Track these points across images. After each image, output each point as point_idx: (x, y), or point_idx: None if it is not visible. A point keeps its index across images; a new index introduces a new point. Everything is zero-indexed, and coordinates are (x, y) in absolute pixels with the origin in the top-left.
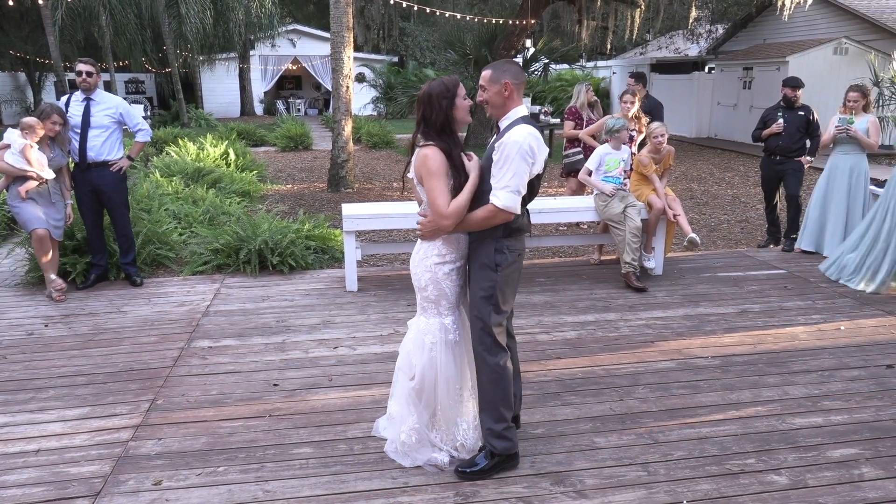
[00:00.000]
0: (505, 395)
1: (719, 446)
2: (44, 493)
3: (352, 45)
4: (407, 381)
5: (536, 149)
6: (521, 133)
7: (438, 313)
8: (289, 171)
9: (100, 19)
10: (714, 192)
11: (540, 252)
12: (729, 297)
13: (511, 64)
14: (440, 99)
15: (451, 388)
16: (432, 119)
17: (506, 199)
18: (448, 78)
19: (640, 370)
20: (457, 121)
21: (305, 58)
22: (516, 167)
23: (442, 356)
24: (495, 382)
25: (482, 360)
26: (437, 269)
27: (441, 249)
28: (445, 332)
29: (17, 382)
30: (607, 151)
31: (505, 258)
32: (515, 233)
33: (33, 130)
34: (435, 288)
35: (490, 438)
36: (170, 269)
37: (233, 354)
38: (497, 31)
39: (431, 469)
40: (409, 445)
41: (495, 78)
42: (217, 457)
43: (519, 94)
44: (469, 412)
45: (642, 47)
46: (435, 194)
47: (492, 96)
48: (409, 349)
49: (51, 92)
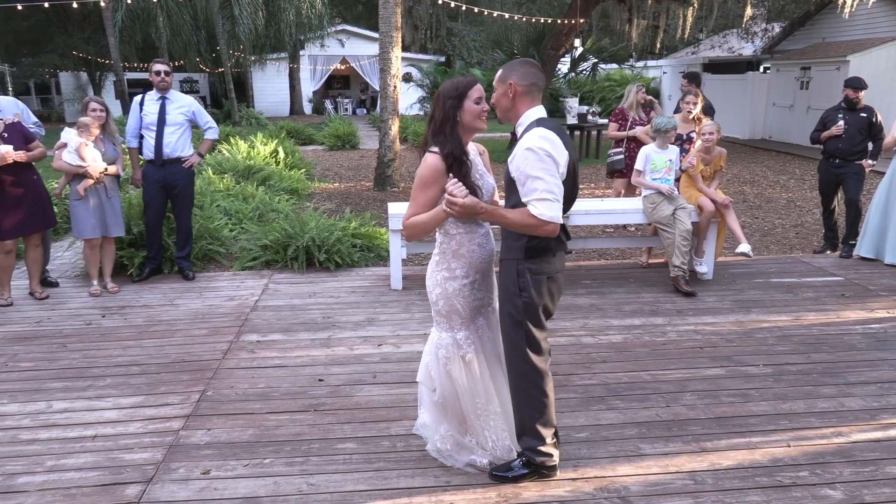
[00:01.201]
0: (543, 417)
1: (770, 458)
2: (99, 478)
3: (400, 44)
4: (430, 394)
5: (551, 149)
6: (530, 139)
7: (450, 328)
8: (336, 169)
9: (157, 20)
10: (768, 195)
11: (586, 254)
12: (782, 304)
13: (524, 64)
14: (446, 98)
15: (474, 402)
16: (435, 117)
17: (542, 209)
18: (463, 78)
19: (688, 377)
20: (462, 125)
21: (353, 58)
22: (538, 174)
23: (456, 371)
24: (533, 407)
25: (518, 385)
26: (447, 285)
27: (451, 264)
28: (458, 348)
29: (76, 370)
30: (654, 150)
31: (526, 282)
32: (540, 253)
33: (88, 129)
34: (446, 303)
35: (528, 452)
36: (220, 265)
37: (280, 349)
38: (545, 31)
39: (472, 469)
40: (447, 451)
41: (502, 77)
42: (264, 449)
43: (529, 95)
44: (498, 426)
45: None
46: (411, 199)
47: (497, 98)
48: (426, 361)
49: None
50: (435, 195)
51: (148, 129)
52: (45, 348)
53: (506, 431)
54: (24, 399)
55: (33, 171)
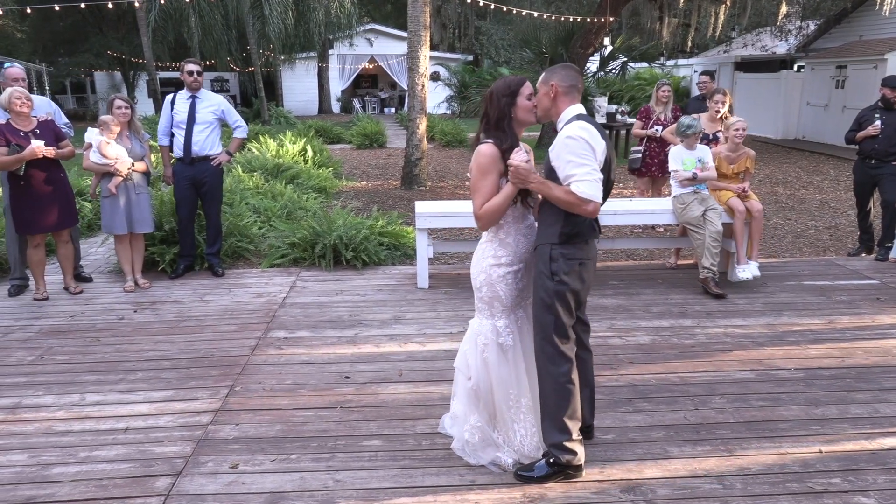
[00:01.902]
0: (569, 407)
1: (801, 463)
2: (131, 470)
3: (428, 44)
4: (465, 381)
5: (589, 138)
6: (570, 129)
7: (491, 315)
8: (363, 168)
9: (189, 20)
10: (801, 196)
11: (613, 254)
12: (815, 307)
13: (564, 68)
14: (500, 96)
15: (506, 392)
16: (490, 115)
17: (584, 187)
18: (514, 77)
19: (717, 379)
20: (516, 120)
21: (382, 57)
22: (577, 157)
23: (493, 359)
24: (558, 393)
25: (544, 369)
26: (492, 271)
27: (497, 251)
28: (497, 335)
29: (108, 364)
30: (683, 150)
31: (560, 266)
32: (573, 239)
33: (108, 127)
34: (489, 290)
35: (553, 448)
36: (249, 262)
37: (307, 346)
38: (574, 29)
39: (495, 469)
40: (473, 444)
41: (545, 79)
42: (290, 444)
43: (569, 96)
44: (527, 420)
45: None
46: (475, 191)
47: (540, 97)
48: (465, 349)
49: (143, 90)
50: (495, 181)
51: (178, 128)
52: (79, 342)
53: (535, 427)
54: (58, 391)
55: (61, 169)
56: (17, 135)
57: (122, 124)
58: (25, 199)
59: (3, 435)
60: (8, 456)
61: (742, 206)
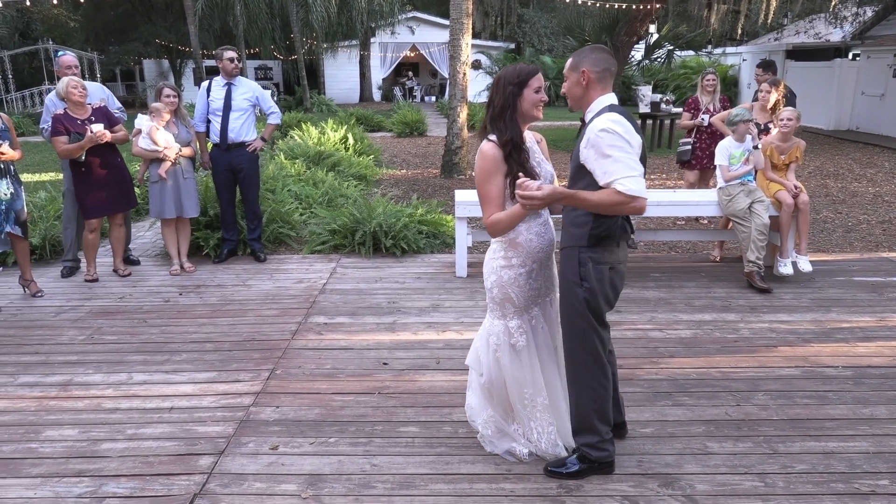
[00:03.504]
0: (601, 408)
1: (847, 463)
2: (175, 448)
3: (470, 31)
4: (478, 377)
5: (623, 132)
6: (602, 121)
7: (503, 315)
8: (403, 156)
9: (235, 9)
10: (853, 189)
11: (655, 247)
12: (865, 304)
13: (595, 50)
14: (507, 84)
15: (521, 391)
16: (495, 103)
17: (630, 184)
18: (527, 65)
19: (761, 375)
20: (521, 112)
21: (423, 45)
22: (616, 153)
23: (505, 358)
24: (592, 398)
25: (579, 374)
26: (503, 273)
27: (507, 252)
28: (509, 336)
29: (155, 345)
30: (731, 143)
31: (588, 271)
32: (603, 241)
33: (160, 114)
34: (500, 291)
35: (584, 447)
36: (290, 248)
37: (346, 332)
38: (619, 17)
39: (511, 459)
40: (489, 436)
41: (574, 65)
42: (329, 428)
43: (602, 82)
44: (544, 419)
45: (777, 32)
46: (481, 198)
47: (570, 86)
48: (477, 345)
49: (189, 77)
50: (501, 183)
51: (214, 115)
52: (127, 323)
53: (553, 426)
54: (107, 370)
55: (118, 153)
56: (75, 123)
57: (170, 111)
58: (88, 185)
59: (55, 410)
60: (60, 431)
61: (790, 200)
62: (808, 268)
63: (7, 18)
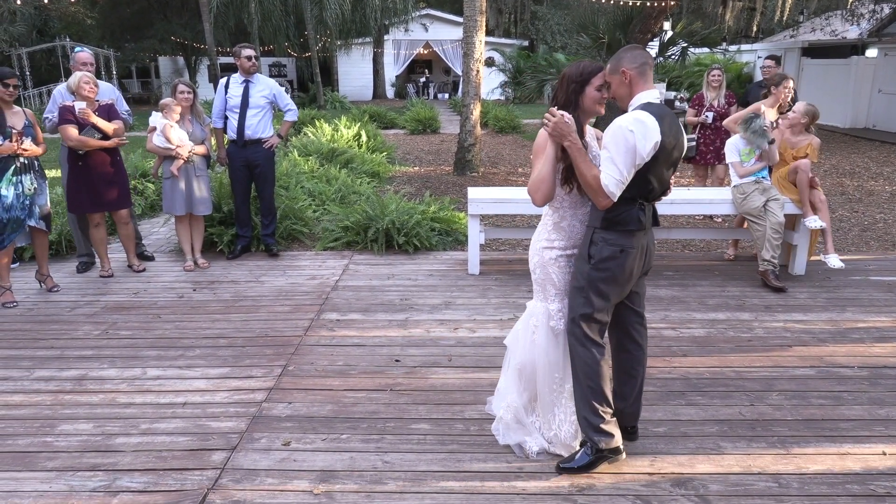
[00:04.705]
0: (595, 389)
1: (863, 464)
2: (188, 443)
3: (484, 29)
4: (512, 358)
5: (637, 132)
6: (625, 118)
7: (545, 298)
8: (416, 153)
9: (249, 6)
10: (869, 188)
11: (669, 245)
12: (882, 304)
13: (629, 49)
14: (570, 81)
15: (551, 375)
16: (559, 99)
17: (607, 180)
18: (591, 64)
19: (775, 375)
20: (582, 109)
21: (437, 42)
22: (614, 151)
23: (542, 340)
24: (586, 374)
25: (572, 349)
26: (544, 254)
27: (550, 234)
28: (548, 318)
29: (168, 340)
30: (739, 142)
31: (599, 251)
32: (615, 226)
33: (170, 109)
34: (542, 272)
35: (588, 430)
36: (303, 244)
37: (358, 328)
38: (633, 14)
39: (519, 453)
40: (505, 422)
41: (613, 68)
42: (341, 424)
43: (643, 77)
44: (568, 407)
45: (793, 29)
46: (533, 168)
47: (616, 89)
48: (518, 328)
49: (204, 74)
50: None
51: (232, 112)
52: (142, 318)
53: (575, 416)
54: (122, 365)
55: (117, 151)
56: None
57: (185, 108)
58: (81, 180)
59: (70, 405)
60: (75, 425)
61: (806, 163)
62: (838, 264)
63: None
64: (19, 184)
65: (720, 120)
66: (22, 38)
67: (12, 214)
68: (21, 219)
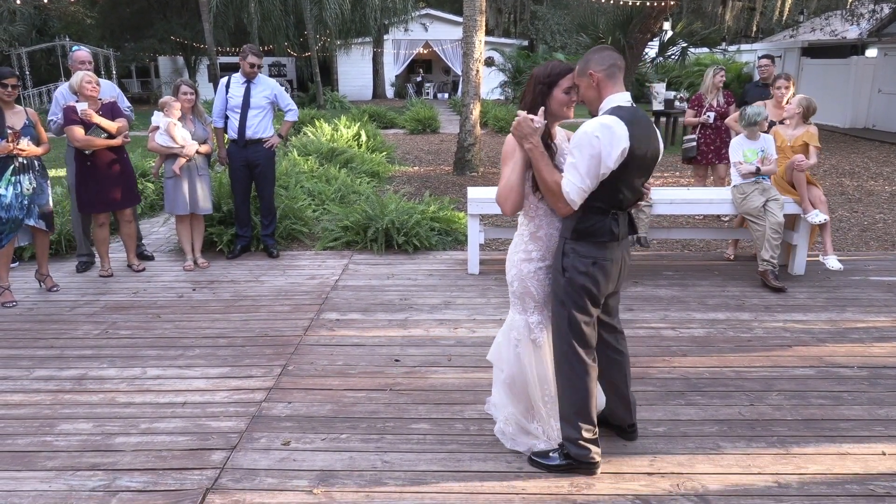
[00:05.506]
0: (582, 405)
1: (863, 464)
2: (188, 442)
3: (483, 29)
4: (499, 373)
5: (604, 139)
6: (592, 123)
7: (524, 310)
8: (416, 153)
9: (249, 6)
10: (869, 188)
11: (668, 245)
12: (881, 304)
13: (597, 51)
14: (538, 82)
15: (542, 389)
16: (526, 100)
17: (565, 186)
18: (559, 64)
19: (775, 375)
20: (550, 111)
21: (436, 42)
22: (578, 157)
23: (525, 354)
24: (572, 390)
25: (558, 363)
26: (522, 266)
27: (528, 246)
28: (529, 331)
29: (168, 340)
30: (744, 141)
31: (571, 262)
32: (586, 237)
33: (171, 107)
34: (520, 285)
35: (566, 440)
36: (303, 244)
37: (358, 328)
38: (633, 13)
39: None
40: (510, 433)
41: (581, 71)
42: (341, 424)
43: (612, 79)
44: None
45: (793, 29)
46: (502, 175)
47: (584, 92)
48: (499, 340)
49: (204, 74)
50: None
51: (233, 112)
52: (141, 318)
53: None
54: (121, 364)
55: (123, 149)
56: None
57: (187, 108)
58: (90, 179)
59: (70, 404)
60: (75, 424)
61: (801, 157)
62: (837, 266)
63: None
64: (18, 184)
65: (720, 119)
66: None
67: (11, 214)
68: (20, 219)
